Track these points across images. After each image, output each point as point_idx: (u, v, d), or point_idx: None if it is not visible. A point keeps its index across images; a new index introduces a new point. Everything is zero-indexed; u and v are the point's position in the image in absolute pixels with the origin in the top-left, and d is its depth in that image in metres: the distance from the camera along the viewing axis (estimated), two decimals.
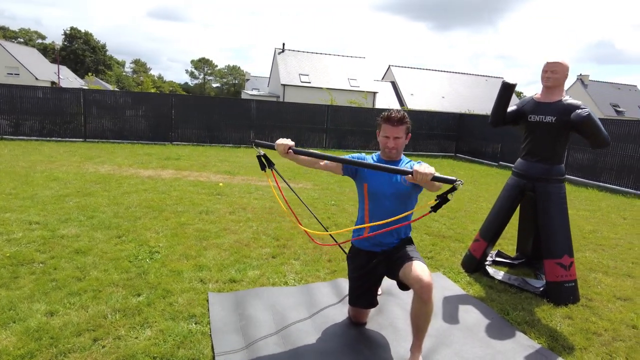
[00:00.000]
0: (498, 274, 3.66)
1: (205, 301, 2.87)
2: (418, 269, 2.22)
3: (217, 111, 13.26)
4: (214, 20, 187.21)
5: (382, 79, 38.40)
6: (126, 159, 9.08)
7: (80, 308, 2.66)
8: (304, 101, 18.88)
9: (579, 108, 3.13)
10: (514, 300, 3.24)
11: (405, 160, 2.49)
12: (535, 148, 3.36)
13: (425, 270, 2.22)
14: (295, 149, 2.42)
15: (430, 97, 34.50)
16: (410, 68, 38.28)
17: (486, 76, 39.91)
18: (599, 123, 3.07)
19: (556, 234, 3.28)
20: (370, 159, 2.51)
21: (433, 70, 39.11)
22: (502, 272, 3.70)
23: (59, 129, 12.10)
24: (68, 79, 48.02)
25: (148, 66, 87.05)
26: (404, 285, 2.45)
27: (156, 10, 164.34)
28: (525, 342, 2.63)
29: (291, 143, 2.40)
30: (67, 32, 62.24)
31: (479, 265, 3.71)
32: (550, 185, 3.30)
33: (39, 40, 64.14)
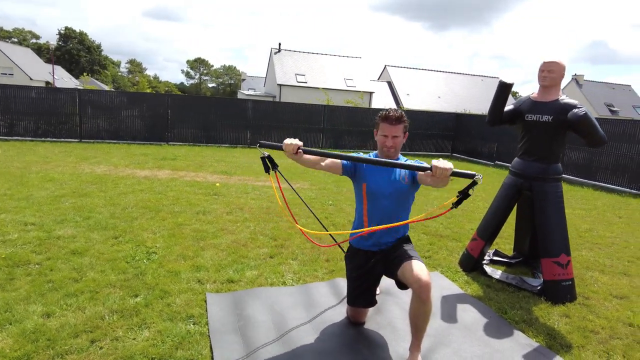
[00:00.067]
0: (496, 273, 3.67)
1: (203, 302, 2.86)
2: (417, 268, 2.22)
3: (214, 111, 13.23)
4: (210, 20, 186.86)
5: (379, 79, 38.44)
6: (122, 160, 9.04)
7: (77, 309, 2.64)
8: (300, 101, 18.87)
9: (575, 107, 3.15)
10: (512, 299, 3.25)
11: (402, 159, 2.49)
12: (532, 147, 3.38)
13: (423, 269, 2.22)
14: (305, 148, 2.30)
15: (427, 97, 34.58)
16: (407, 68, 38.36)
17: (482, 76, 40.06)
18: (596, 122, 3.08)
19: (553, 233, 3.29)
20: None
21: (429, 70, 39.22)
22: (500, 271, 3.71)
23: (54, 129, 12.03)
24: (63, 79, 47.72)
25: (143, 66, 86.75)
26: (402, 285, 2.45)
27: (152, 10, 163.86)
28: (524, 341, 2.64)
29: (300, 143, 2.27)
30: (62, 32, 61.85)
31: (476, 264, 3.72)
32: (547, 185, 3.32)
33: (33, 40, 63.73)
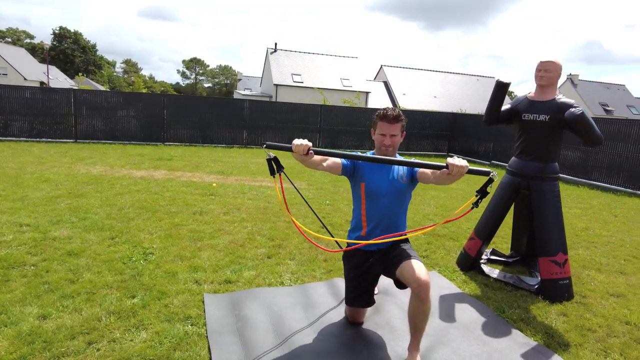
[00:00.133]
0: (493, 272, 3.67)
1: (201, 302, 2.84)
2: (415, 267, 2.22)
3: (210, 111, 13.18)
4: (206, 19, 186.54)
5: (375, 78, 38.50)
6: (118, 160, 8.99)
7: (74, 311, 2.62)
8: (297, 101, 18.88)
9: (572, 107, 3.16)
10: (510, 298, 3.26)
11: (400, 158, 2.49)
12: (529, 146, 3.38)
13: (422, 268, 2.22)
14: (315, 149, 2.20)
15: (423, 97, 34.66)
16: (403, 68, 38.42)
17: (478, 76, 40.20)
18: (592, 122, 3.10)
19: (550, 232, 3.30)
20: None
21: (425, 70, 39.30)
22: (497, 270, 3.71)
23: (49, 129, 11.94)
24: (57, 79, 47.44)
25: (139, 66, 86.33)
26: (401, 284, 2.45)
27: (147, 10, 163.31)
28: (522, 340, 2.65)
29: (310, 143, 2.16)
30: (56, 32, 61.46)
31: (474, 263, 3.72)
32: (545, 184, 3.33)
33: (27, 40, 63.29)
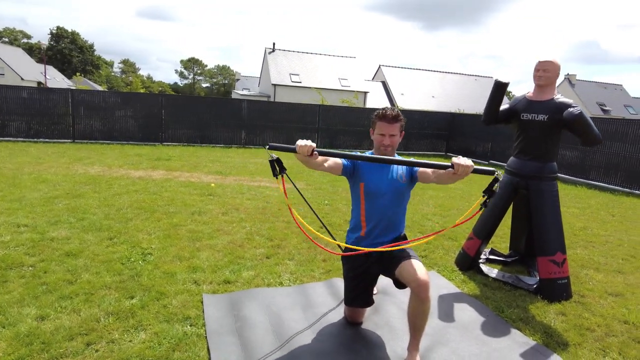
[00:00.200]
0: (492, 271, 3.68)
1: (200, 303, 2.84)
2: (415, 267, 2.22)
3: (208, 111, 13.16)
4: (204, 19, 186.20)
5: (373, 78, 38.50)
6: (116, 160, 8.97)
7: (72, 312, 2.61)
8: (295, 101, 18.86)
9: (570, 106, 3.16)
10: (508, 297, 3.26)
11: (404, 159, 2.49)
12: (528, 146, 3.39)
13: (422, 268, 2.22)
14: (319, 150, 2.17)
15: (421, 97, 34.68)
16: (401, 68, 38.43)
17: (475, 75, 40.25)
18: (591, 121, 3.10)
19: (549, 232, 3.31)
20: None
21: (423, 70, 39.32)
22: (496, 270, 3.72)
23: (47, 129, 11.90)
24: (55, 79, 47.28)
25: (137, 66, 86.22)
26: (400, 284, 2.44)
27: (145, 9, 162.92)
28: (521, 339, 2.65)
29: (314, 144, 2.13)
30: (54, 32, 61.28)
31: (472, 263, 3.73)
32: (543, 183, 3.33)
33: (25, 40, 63.08)
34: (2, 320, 2.47)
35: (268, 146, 2.22)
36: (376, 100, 32.86)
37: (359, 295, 2.56)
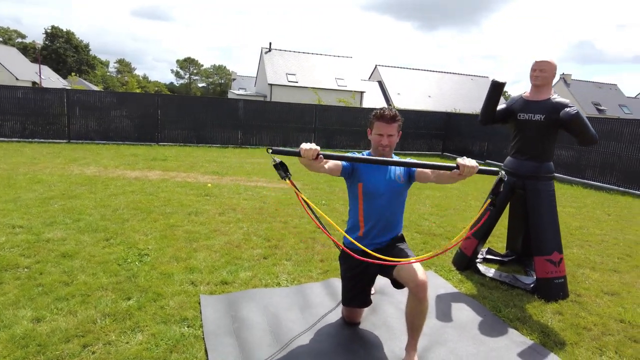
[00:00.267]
0: (489, 271, 3.69)
1: (197, 304, 2.83)
2: (413, 267, 2.21)
3: (204, 111, 13.13)
4: (199, 19, 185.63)
5: (369, 78, 38.52)
6: (112, 160, 8.93)
7: (68, 313, 2.59)
8: (291, 101, 18.83)
9: (567, 106, 3.18)
10: (506, 297, 3.27)
11: (395, 158, 2.49)
12: (525, 146, 3.40)
13: (420, 268, 2.22)
14: (323, 153, 2.10)
15: (417, 97, 34.75)
16: (397, 68, 38.49)
17: (472, 75, 40.37)
18: (587, 121, 3.12)
19: (546, 231, 3.32)
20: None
21: (420, 69, 39.40)
22: (493, 270, 3.73)
23: (42, 130, 11.83)
24: (50, 79, 46.99)
25: (133, 66, 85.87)
26: (398, 284, 2.44)
27: (140, 9, 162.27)
28: (518, 339, 2.66)
29: (318, 147, 2.07)
30: (48, 31, 60.88)
31: (470, 263, 3.73)
32: (540, 183, 3.34)
33: (19, 40, 62.60)
34: None
35: (271, 150, 2.14)
36: (373, 100, 32.90)
37: (356, 295, 2.56)
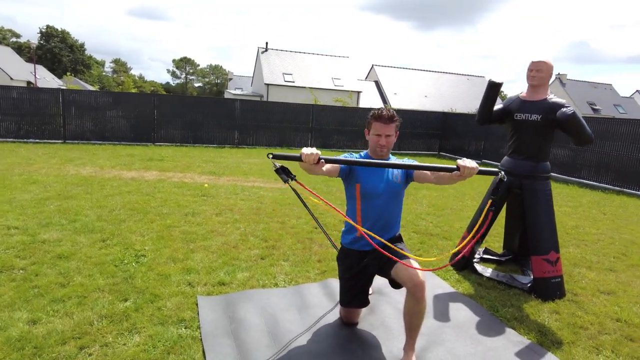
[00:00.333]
0: (486, 271, 3.70)
1: (195, 305, 2.82)
2: (410, 267, 2.21)
3: (201, 111, 13.09)
4: (197, 19, 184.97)
5: (366, 78, 38.54)
6: (108, 161, 8.89)
7: (65, 315, 2.57)
8: (288, 100, 18.82)
9: (563, 106, 3.19)
10: (503, 296, 3.28)
11: (393, 158, 2.49)
12: (522, 146, 3.41)
13: (418, 268, 2.22)
14: (324, 157, 2.09)
15: (414, 97, 34.79)
16: (394, 67, 38.51)
17: (468, 75, 40.46)
18: (583, 121, 3.13)
19: (542, 231, 3.33)
20: (358, 157, 2.49)
21: (416, 69, 39.45)
22: (490, 269, 3.74)
23: (37, 130, 11.76)
24: (45, 78, 46.71)
25: (128, 66, 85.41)
26: (396, 284, 2.44)
27: (136, 9, 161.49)
28: (515, 338, 2.67)
29: (319, 152, 2.07)
30: (43, 31, 60.49)
31: (467, 262, 3.74)
32: (537, 183, 3.36)
33: (14, 39, 62.18)
34: None
35: (272, 155, 2.13)
36: (369, 100, 32.91)
37: (355, 295, 2.56)
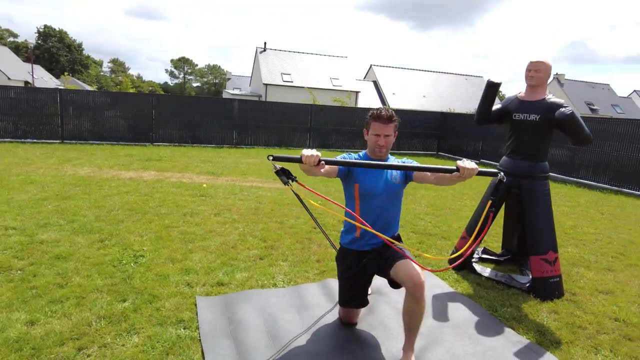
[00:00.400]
0: (485, 270, 3.70)
1: (193, 305, 2.81)
2: (410, 267, 2.22)
3: (199, 111, 13.07)
4: (196, 19, 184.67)
5: (364, 78, 38.56)
6: (106, 161, 8.87)
7: (63, 316, 2.57)
8: (286, 100, 18.80)
9: (562, 106, 3.19)
10: (501, 296, 3.28)
11: (392, 158, 2.49)
12: (520, 146, 3.41)
13: (417, 268, 2.22)
14: (324, 159, 2.09)
15: (412, 96, 34.83)
16: (392, 67, 38.54)
17: (466, 75, 40.54)
18: (582, 121, 3.14)
19: (541, 231, 3.34)
20: (357, 157, 2.49)
21: (414, 69, 39.49)
22: (489, 269, 3.74)
23: (35, 130, 11.72)
24: (43, 78, 46.56)
25: (126, 66, 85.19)
26: (395, 284, 2.44)
27: (134, 9, 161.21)
28: (514, 338, 2.67)
29: (319, 153, 2.06)
30: (41, 30, 60.32)
31: (466, 262, 3.75)
32: (535, 183, 3.36)
33: (11, 39, 61.98)
34: None
35: (272, 157, 2.13)
36: (367, 99, 32.93)
37: (354, 296, 2.56)
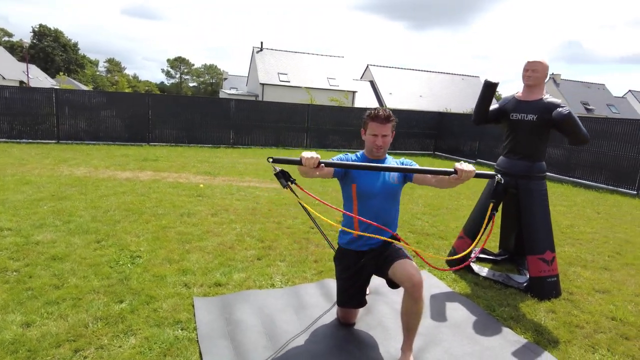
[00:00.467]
0: (482, 270, 3.71)
1: (191, 306, 2.80)
2: (408, 267, 2.21)
3: (196, 111, 13.03)
4: (192, 18, 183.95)
5: (361, 78, 38.58)
6: (102, 161, 8.83)
7: (59, 317, 2.55)
8: (283, 100, 18.79)
9: (559, 106, 3.20)
10: (499, 296, 3.29)
11: (389, 158, 2.49)
12: (517, 146, 3.42)
13: (415, 268, 2.22)
14: (324, 161, 2.10)
15: (409, 96, 34.88)
16: (389, 67, 38.59)
17: (463, 75, 40.64)
18: (579, 121, 3.15)
19: (538, 231, 3.35)
20: (355, 157, 2.49)
21: (411, 69, 39.56)
22: (487, 269, 3.75)
23: (30, 130, 11.65)
24: (38, 78, 46.28)
25: (122, 65, 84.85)
26: (393, 284, 2.44)
27: (130, 8, 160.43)
28: (512, 338, 2.67)
29: (319, 156, 2.09)
30: (36, 30, 59.97)
31: (463, 261, 3.75)
32: (533, 182, 3.37)
33: (6, 38, 61.60)
34: None
35: (271, 159, 2.14)
36: (364, 99, 32.96)
37: (352, 296, 2.55)
